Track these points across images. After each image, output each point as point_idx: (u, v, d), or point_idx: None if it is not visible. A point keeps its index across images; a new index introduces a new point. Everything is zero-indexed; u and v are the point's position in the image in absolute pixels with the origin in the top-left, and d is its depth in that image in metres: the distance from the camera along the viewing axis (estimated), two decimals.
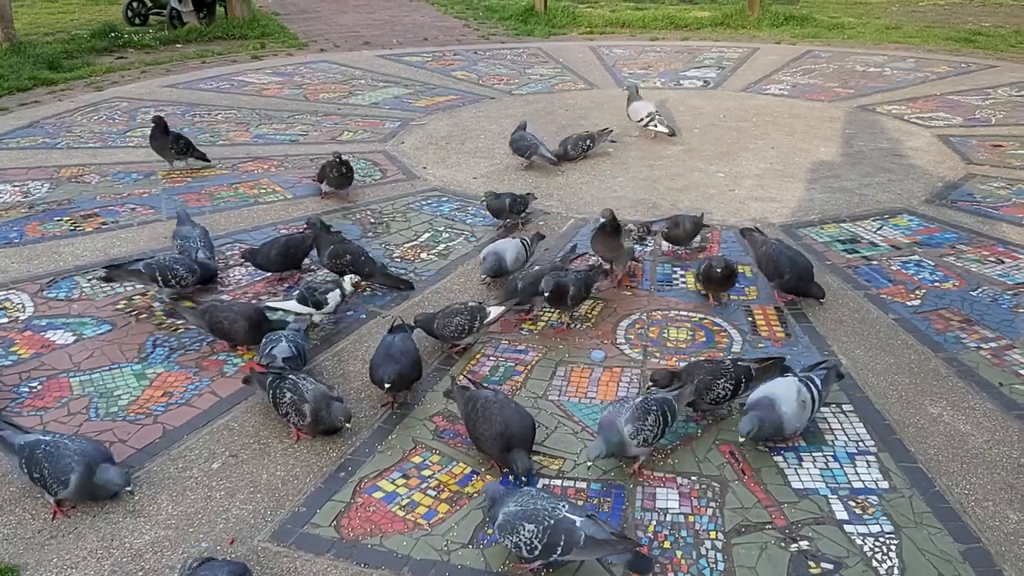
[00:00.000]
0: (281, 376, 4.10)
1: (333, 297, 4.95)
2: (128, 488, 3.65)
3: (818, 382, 4.02)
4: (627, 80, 9.46)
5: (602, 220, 5.44)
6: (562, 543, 3.16)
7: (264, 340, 4.58)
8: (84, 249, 6.10)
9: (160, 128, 7.60)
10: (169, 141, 7.58)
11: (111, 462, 3.70)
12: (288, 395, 3.99)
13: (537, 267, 5.37)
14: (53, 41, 13.64)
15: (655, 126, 8.53)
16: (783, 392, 3.91)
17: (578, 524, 3.19)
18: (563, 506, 3.27)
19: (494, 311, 4.88)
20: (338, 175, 6.93)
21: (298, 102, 10.24)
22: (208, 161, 7.75)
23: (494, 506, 3.36)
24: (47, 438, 3.70)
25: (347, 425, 4.00)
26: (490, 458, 3.88)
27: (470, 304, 4.86)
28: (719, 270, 5.16)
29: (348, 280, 5.08)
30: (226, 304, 4.91)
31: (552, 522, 3.19)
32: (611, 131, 8.26)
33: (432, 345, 4.85)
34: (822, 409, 4.11)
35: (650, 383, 4.28)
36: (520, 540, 3.21)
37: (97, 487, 3.61)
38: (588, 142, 7.95)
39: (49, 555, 3.41)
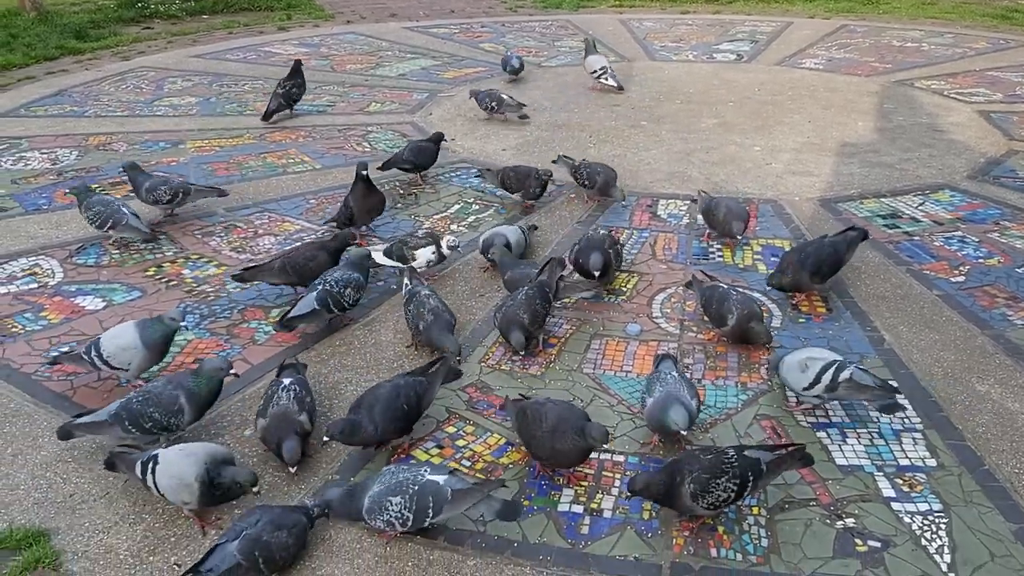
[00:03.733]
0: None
1: (423, 254, 5.03)
2: (233, 371, 3.86)
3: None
4: (588, 34, 10.44)
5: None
6: (431, 505, 3.12)
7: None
8: None
9: None
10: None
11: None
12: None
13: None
14: (80, 11, 13.58)
15: (606, 79, 9.17)
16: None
17: (442, 482, 3.16)
18: (424, 471, 3.23)
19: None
20: (539, 189, 6.21)
21: (325, 73, 10.14)
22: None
23: (350, 501, 3.22)
24: (130, 396, 3.71)
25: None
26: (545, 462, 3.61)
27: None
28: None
29: (447, 241, 5.11)
30: (298, 249, 4.94)
31: (416, 488, 3.15)
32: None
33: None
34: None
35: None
36: (390, 516, 3.15)
37: (209, 381, 3.74)
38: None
39: (81, 519, 3.37)
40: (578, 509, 3.42)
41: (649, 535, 3.29)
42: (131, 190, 5.98)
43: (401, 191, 6.55)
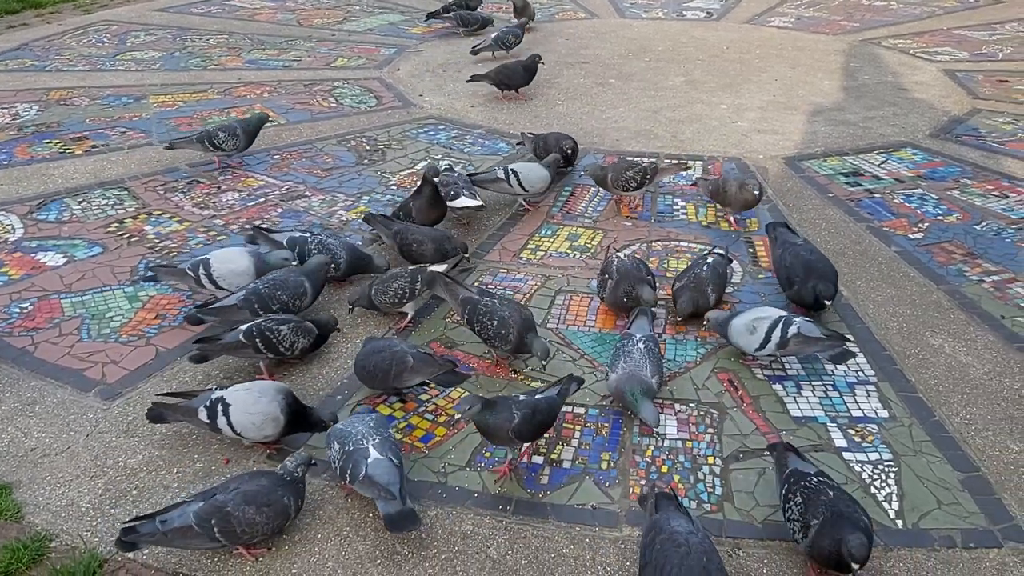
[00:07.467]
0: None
1: (461, 202, 5.21)
2: (333, 264, 4.49)
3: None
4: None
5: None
6: (350, 472, 3.16)
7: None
8: (74, 171, 5.98)
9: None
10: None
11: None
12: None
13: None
14: None
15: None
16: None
17: (369, 461, 3.14)
18: (374, 439, 3.21)
19: (437, 267, 4.53)
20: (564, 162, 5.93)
21: (291, 27, 10.00)
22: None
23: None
24: (257, 283, 4.14)
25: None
26: None
27: (410, 267, 4.47)
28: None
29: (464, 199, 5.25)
30: (416, 228, 4.86)
31: (350, 449, 3.19)
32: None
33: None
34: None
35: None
36: (331, 457, 3.28)
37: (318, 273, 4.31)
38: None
39: (42, 473, 3.38)
40: (538, 460, 3.48)
41: (607, 484, 3.35)
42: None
43: (368, 146, 6.51)
